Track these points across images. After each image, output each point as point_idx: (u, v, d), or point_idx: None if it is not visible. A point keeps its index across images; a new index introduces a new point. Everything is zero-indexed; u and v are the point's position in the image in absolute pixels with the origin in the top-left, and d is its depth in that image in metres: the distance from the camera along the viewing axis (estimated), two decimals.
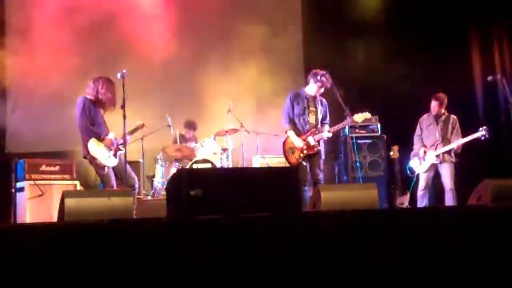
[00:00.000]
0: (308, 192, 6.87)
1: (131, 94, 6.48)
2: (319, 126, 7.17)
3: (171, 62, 9.71)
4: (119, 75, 6.43)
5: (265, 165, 8.64)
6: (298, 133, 7.11)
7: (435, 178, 7.84)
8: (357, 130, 8.97)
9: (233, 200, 4.40)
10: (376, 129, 9.16)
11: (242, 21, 9.74)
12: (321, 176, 7.07)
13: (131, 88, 6.48)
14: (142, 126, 7.02)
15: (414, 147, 7.97)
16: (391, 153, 8.37)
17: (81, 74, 8.18)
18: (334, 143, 8.84)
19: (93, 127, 6.48)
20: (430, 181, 7.82)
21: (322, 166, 7.15)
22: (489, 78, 7.42)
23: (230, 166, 8.69)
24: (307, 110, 7.14)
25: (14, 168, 7.37)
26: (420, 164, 7.82)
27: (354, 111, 7.06)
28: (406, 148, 8.38)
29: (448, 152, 7.72)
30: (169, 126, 8.65)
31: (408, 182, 8.18)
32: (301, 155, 7.04)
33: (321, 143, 7.16)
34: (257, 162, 8.82)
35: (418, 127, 8.03)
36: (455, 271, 3.95)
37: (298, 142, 7.04)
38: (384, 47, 9.44)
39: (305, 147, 7.04)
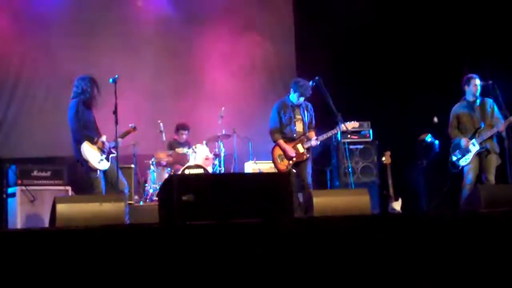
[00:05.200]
0: (298, 197, 6.88)
1: (122, 99, 6.46)
2: (307, 133, 7.20)
3: (163, 67, 9.70)
4: (111, 80, 6.39)
5: (257, 171, 8.63)
6: (287, 142, 7.14)
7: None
8: (349, 136, 8.93)
9: (225, 206, 4.40)
10: (368, 135, 9.14)
11: (234, 29, 9.76)
12: (309, 180, 7.10)
13: (122, 92, 6.48)
14: (134, 129, 6.99)
15: (453, 140, 7.31)
16: (383, 158, 8.32)
17: (72, 78, 8.13)
18: (326, 148, 8.84)
19: (86, 130, 6.43)
20: (476, 176, 6.98)
21: (311, 171, 7.17)
22: (481, 83, 7.31)
23: (223, 171, 8.68)
24: (294, 119, 7.18)
25: (5, 173, 7.34)
26: (463, 156, 7.10)
27: (344, 116, 7.10)
28: (398, 154, 8.37)
29: (493, 140, 7.03)
30: (161, 131, 8.63)
31: (399, 188, 8.14)
32: (291, 162, 7.08)
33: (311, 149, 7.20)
34: (250, 167, 8.82)
35: (453, 119, 7.30)
36: (448, 275, 3.96)
37: (287, 150, 7.07)
38: (376, 52, 9.46)
39: (294, 155, 7.08)
